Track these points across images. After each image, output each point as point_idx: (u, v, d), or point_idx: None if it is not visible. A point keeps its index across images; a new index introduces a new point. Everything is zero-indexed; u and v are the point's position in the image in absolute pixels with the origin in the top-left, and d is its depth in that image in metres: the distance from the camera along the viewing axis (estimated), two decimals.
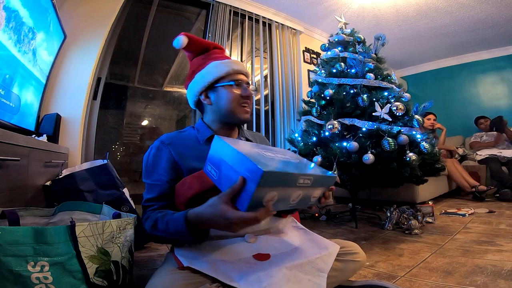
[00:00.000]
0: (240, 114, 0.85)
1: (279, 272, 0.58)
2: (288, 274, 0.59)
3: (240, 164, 0.54)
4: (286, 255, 0.66)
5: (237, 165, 0.55)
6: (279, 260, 0.63)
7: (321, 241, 0.75)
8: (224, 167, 0.59)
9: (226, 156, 0.59)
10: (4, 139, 0.80)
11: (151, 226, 0.70)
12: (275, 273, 0.58)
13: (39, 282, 0.56)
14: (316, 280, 0.61)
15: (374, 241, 1.45)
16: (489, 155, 3.03)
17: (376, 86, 1.85)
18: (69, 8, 1.83)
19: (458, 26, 3.13)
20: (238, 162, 0.55)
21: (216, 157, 0.62)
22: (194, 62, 0.91)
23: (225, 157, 0.59)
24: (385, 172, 1.55)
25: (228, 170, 0.58)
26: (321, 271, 0.63)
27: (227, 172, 0.58)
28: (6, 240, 0.55)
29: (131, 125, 2.59)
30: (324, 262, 0.65)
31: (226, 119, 0.86)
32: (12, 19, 1.05)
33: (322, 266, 0.64)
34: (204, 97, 0.87)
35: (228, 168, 0.58)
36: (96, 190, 1.30)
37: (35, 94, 1.40)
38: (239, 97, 0.84)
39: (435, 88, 4.22)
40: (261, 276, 0.57)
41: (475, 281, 0.90)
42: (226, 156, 0.59)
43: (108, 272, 0.67)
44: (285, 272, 0.59)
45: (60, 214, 0.90)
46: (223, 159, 0.60)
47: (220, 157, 0.61)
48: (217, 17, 2.46)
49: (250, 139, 0.95)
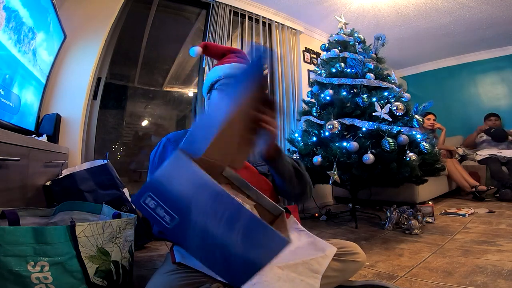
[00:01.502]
0: None
1: (271, 271, 0.58)
2: (280, 273, 0.59)
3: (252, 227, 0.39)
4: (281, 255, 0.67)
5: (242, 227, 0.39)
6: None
7: (319, 243, 0.75)
8: (199, 213, 0.40)
9: (201, 196, 0.40)
10: (4, 139, 0.79)
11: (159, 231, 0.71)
12: (267, 272, 0.57)
13: (39, 282, 0.56)
14: (309, 280, 0.60)
15: (374, 241, 1.45)
16: (489, 155, 3.03)
17: (376, 86, 1.85)
18: (69, 8, 1.83)
19: (458, 26, 3.13)
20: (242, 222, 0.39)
21: (177, 187, 0.40)
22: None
23: (196, 196, 0.40)
24: (385, 172, 1.55)
25: (209, 221, 0.39)
26: (315, 272, 0.63)
27: (204, 223, 0.40)
28: (6, 240, 0.55)
29: (131, 125, 2.59)
30: (319, 264, 0.65)
31: None
32: (12, 19, 1.05)
33: (317, 267, 0.64)
34: (208, 99, 0.92)
35: (210, 219, 0.39)
36: (96, 190, 1.30)
37: (35, 94, 1.40)
38: None
39: (435, 88, 4.22)
40: None
41: (475, 281, 0.90)
42: (201, 196, 0.40)
43: (108, 272, 0.67)
44: (277, 271, 0.59)
45: (60, 214, 0.90)
46: (191, 198, 0.40)
47: (185, 194, 0.40)
48: (217, 17, 2.46)
49: None
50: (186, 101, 2.80)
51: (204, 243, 0.40)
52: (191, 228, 0.40)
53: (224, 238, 0.39)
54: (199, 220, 0.40)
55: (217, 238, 0.39)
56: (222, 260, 0.40)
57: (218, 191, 0.40)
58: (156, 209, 0.41)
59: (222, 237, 0.39)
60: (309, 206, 2.45)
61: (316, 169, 1.74)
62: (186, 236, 0.40)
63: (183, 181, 0.40)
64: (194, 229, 0.40)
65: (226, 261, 0.40)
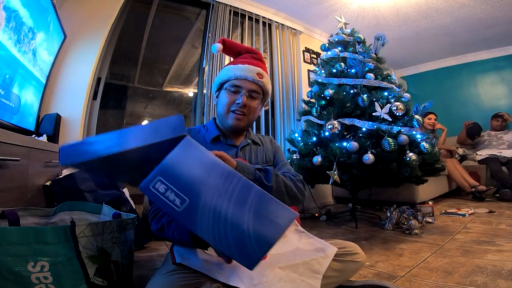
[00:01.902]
0: (228, 119, 0.86)
1: (272, 271, 0.58)
2: (281, 274, 0.59)
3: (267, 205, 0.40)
4: (282, 256, 0.66)
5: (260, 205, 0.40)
6: (274, 260, 0.63)
7: (320, 244, 0.75)
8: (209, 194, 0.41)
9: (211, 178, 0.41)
10: (4, 139, 0.80)
11: (158, 229, 0.71)
12: (268, 272, 0.58)
13: (39, 282, 0.56)
14: (310, 281, 0.61)
15: (374, 241, 1.45)
16: (489, 155, 3.03)
17: (376, 86, 1.85)
18: (69, 8, 1.83)
19: (458, 26, 3.13)
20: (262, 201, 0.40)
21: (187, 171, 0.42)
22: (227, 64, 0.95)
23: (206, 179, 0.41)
24: (385, 172, 1.55)
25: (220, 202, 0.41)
26: (316, 272, 0.63)
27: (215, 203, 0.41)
28: (6, 240, 0.55)
29: (131, 125, 2.59)
30: (320, 264, 0.65)
31: (221, 122, 0.89)
32: (12, 19, 1.05)
33: (317, 267, 0.64)
34: (216, 97, 0.92)
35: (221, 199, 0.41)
36: (96, 190, 1.30)
37: (35, 94, 1.40)
38: (231, 103, 0.85)
39: (435, 88, 4.22)
40: (253, 274, 0.57)
41: (475, 281, 0.90)
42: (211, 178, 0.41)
43: (108, 272, 0.67)
44: (278, 272, 0.59)
45: (60, 214, 0.90)
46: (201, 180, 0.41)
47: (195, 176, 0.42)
48: (217, 17, 2.46)
49: (256, 140, 0.95)
50: (186, 101, 2.80)
51: (215, 224, 0.40)
52: (202, 210, 0.41)
53: (236, 216, 0.40)
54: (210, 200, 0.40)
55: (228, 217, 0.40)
56: (235, 239, 0.40)
57: (228, 170, 0.42)
58: (166, 193, 0.41)
59: (234, 215, 0.40)
60: (309, 206, 2.45)
61: (316, 169, 1.74)
62: (196, 218, 0.41)
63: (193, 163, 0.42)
64: (205, 210, 0.41)
65: (238, 240, 0.40)
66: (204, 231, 0.41)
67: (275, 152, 0.98)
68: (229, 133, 0.90)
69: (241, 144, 0.90)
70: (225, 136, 0.90)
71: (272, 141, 1.02)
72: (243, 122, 0.86)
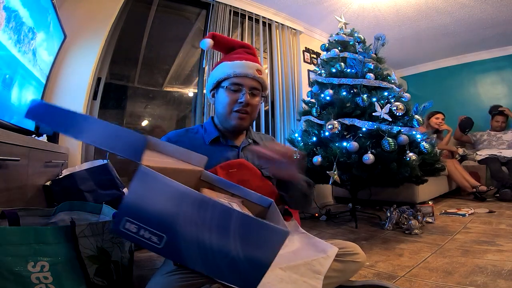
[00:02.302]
0: (231, 120, 0.82)
1: (273, 272, 0.58)
2: (282, 275, 0.58)
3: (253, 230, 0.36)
4: (283, 257, 0.66)
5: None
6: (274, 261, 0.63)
7: (320, 244, 0.75)
8: (186, 226, 0.37)
9: (184, 209, 0.37)
10: (4, 139, 0.79)
11: None
12: (269, 273, 0.57)
13: (39, 282, 0.56)
14: (312, 282, 0.60)
15: (374, 241, 1.45)
16: (489, 155, 3.03)
17: (376, 86, 1.85)
18: (69, 8, 1.83)
19: (458, 26, 3.13)
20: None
21: (156, 205, 0.37)
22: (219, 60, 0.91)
23: (179, 210, 0.37)
24: (385, 172, 1.55)
25: (200, 233, 0.37)
26: (317, 273, 0.63)
27: (195, 235, 0.37)
28: (6, 240, 0.55)
29: (131, 125, 2.58)
30: (321, 265, 0.65)
31: (221, 123, 0.86)
32: (12, 19, 1.05)
33: (319, 268, 0.64)
34: (211, 96, 0.88)
35: (201, 230, 0.37)
36: (96, 190, 1.29)
37: (35, 94, 1.40)
38: (233, 102, 0.81)
39: (435, 88, 4.22)
40: None
41: (475, 281, 0.90)
42: (184, 209, 0.37)
43: (108, 272, 0.67)
44: (279, 273, 0.58)
45: (60, 214, 0.90)
46: (174, 213, 0.37)
47: (166, 209, 0.37)
48: (217, 17, 2.46)
49: (257, 140, 0.93)
50: (186, 101, 2.80)
51: (202, 255, 0.38)
52: (184, 243, 0.37)
53: (221, 245, 0.37)
54: (190, 233, 0.37)
55: (214, 248, 0.37)
56: (228, 267, 0.38)
57: (200, 198, 0.37)
58: (140, 232, 0.37)
59: (219, 245, 0.37)
60: None
61: (316, 169, 1.74)
62: (181, 252, 0.37)
63: (157, 197, 0.37)
64: (187, 242, 0.37)
65: (231, 267, 0.38)
66: (194, 263, 0.38)
67: None
68: (229, 133, 0.87)
69: (242, 145, 0.87)
70: (224, 137, 0.87)
71: (274, 140, 1.00)
72: (246, 122, 0.84)
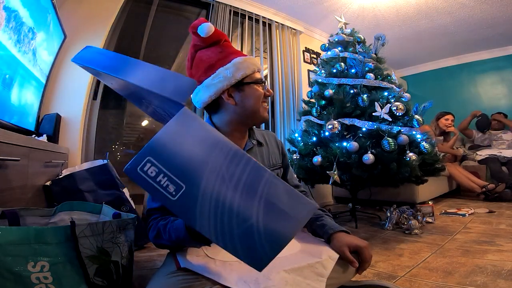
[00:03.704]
0: (263, 113, 0.81)
1: (278, 275, 0.58)
2: (287, 277, 0.58)
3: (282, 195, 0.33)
4: (286, 259, 0.66)
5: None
6: (278, 263, 0.62)
7: (323, 246, 0.75)
8: (211, 180, 0.34)
9: (214, 159, 0.33)
10: (4, 139, 0.79)
11: (154, 236, 0.69)
12: (274, 276, 0.57)
13: (39, 282, 0.56)
14: (315, 284, 0.60)
15: (374, 241, 1.45)
16: (489, 155, 3.03)
17: (376, 86, 1.85)
18: (69, 8, 1.83)
19: (458, 26, 3.13)
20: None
21: (184, 150, 0.34)
22: (209, 54, 0.79)
23: (208, 159, 0.34)
24: (385, 172, 1.55)
25: (224, 189, 0.34)
26: (321, 275, 0.63)
27: (218, 190, 0.34)
28: (6, 240, 0.55)
29: (131, 125, 2.58)
30: (324, 267, 0.65)
31: (249, 119, 0.81)
32: (12, 19, 1.05)
33: (322, 270, 0.64)
34: (227, 97, 0.77)
35: (225, 186, 0.34)
36: (96, 190, 1.30)
37: (35, 94, 1.40)
38: (263, 96, 0.81)
39: (435, 88, 4.22)
40: (259, 278, 0.56)
41: (475, 281, 0.90)
42: (214, 159, 0.33)
43: (108, 272, 0.67)
44: (284, 275, 0.58)
45: (60, 214, 0.90)
46: (201, 161, 0.34)
47: (194, 156, 0.34)
48: (217, 17, 2.46)
49: (260, 140, 0.90)
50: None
51: (218, 216, 0.34)
52: (202, 199, 0.34)
53: (243, 207, 0.34)
54: (212, 187, 0.34)
55: (234, 209, 0.34)
56: (242, 236, 0.34)
57: (235, 149, 0.34)
58: (158, 177, 0.33)
59: (241, 206, 0.34)
60: None
61: (316, 169, 1.74)
62: (195, 209, 0.34)
63: (191, 140, 0.34)
64: (205, 199, 0.34)
65: (246, 236, 0.34)
66: (205, 225, 0.34)
67: (283, 156, 0.95)
68: (236, 134, 0.83)
69: (246, 147, 0.84)
70: None
71: (277, 140, 0.97)
72: None
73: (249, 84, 0.79)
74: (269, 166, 0.86)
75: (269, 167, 0.86)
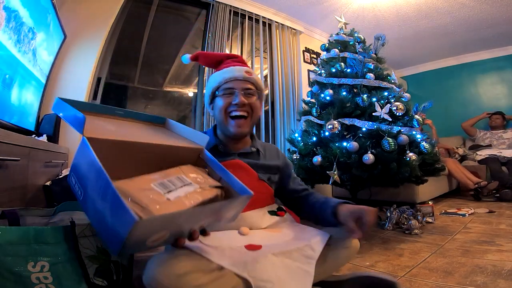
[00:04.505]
0: (230, 127, 0.83)
1: (265, 258, 0.59)
2: (274, 260, 0.60)
3: (109, 202, 0.42)
4: (276, 245, 0.67)
5: (104, 199, 0.43)
6: (268, 249, 0.64)
7: (312, 230, 0.76)
8: (91, 188, 0.47)
9: (91, 175, 0.46)
10: (4, 139, 0.80)
11: None
12: (261, 259, 0.59)
13: (39, 282, 0.56)
14: (304, 266, 0.62)
15: (374, 241, 1.45)
16: (489, 155, 3.03)
17: (376, 86, 1.85)
18: (69, 8, 1.83)
19: (458, 26, 3.13)
20: (107, 196, 0.43)
21: (82, 167, 0.49)
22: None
23: (89, 175, 0.47)
24: (385, 172, 1.55)
25: (95, 196, 0.46)
26: (310, 257, 0.64)
27: (93, 197, 0.46)
28: (6, 240, 0.55)
29: None
30: (313, 249, 0.66)
31: (222, 131, 0.88)
32: (12, 19, 1.05)
33: (311, 253, 0.65)
34: (211, 109, 0.90)
35: (95, 193, 0.46)
36: None
37: (35, 94, 1.40)
38: (227, 106, 0.82)
39: (435, 88, 4.22)
40: (248, 261, 0.58)
41: (475, 281, 0.90)
42: (91, 175, 0.46)
43: (108, 272, 0.67)
44: (271, 258, 0.60)
45: (60, 214, 0.90)
46: (87, 176, 0.48)
47: (85, 172, 0.48)
48: (217, 17, 2.46)
49: (260, 149, 0.92)
50: (186, 101, 2.81)
51: (95, 212, 0.46)
52: (89, 200, 0.47)
53: (102, 208, 0.44)
54: (91, 193, 0.47)
55: (98, 210, 0.45)
56: (104, 229, 0.46)
57: (97, 168, 0.45)
58: (75, 185, 0.51)
59: (101, 207, 0.45)
60: None
61: (316, 169, 1.74)
62: (88, 206, 0.48)
63: (83, 161, 0.49)
64: (89, 200, 0.47)
65: (106, 230, 0.45)
66: (91, 217, 0.49)
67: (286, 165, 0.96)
68: (229, 141, 0.87)
69: (240, 151, 0.88)
70: (224, 145, 0.88)
71: (279, 152, 0.99)
72: (245, 127, 0.84)
73: (217, 97, 0.85)
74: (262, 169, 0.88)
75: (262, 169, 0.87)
